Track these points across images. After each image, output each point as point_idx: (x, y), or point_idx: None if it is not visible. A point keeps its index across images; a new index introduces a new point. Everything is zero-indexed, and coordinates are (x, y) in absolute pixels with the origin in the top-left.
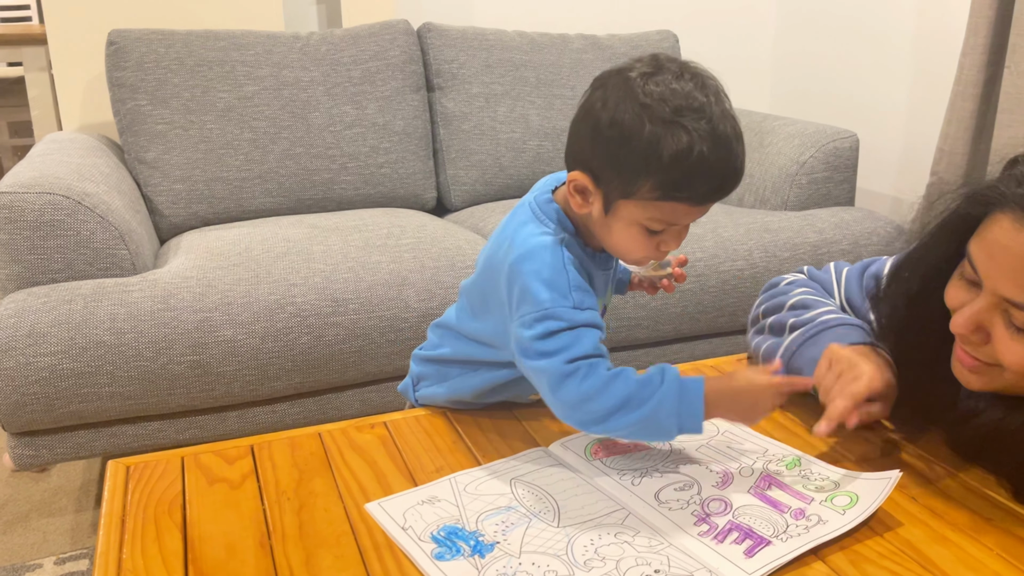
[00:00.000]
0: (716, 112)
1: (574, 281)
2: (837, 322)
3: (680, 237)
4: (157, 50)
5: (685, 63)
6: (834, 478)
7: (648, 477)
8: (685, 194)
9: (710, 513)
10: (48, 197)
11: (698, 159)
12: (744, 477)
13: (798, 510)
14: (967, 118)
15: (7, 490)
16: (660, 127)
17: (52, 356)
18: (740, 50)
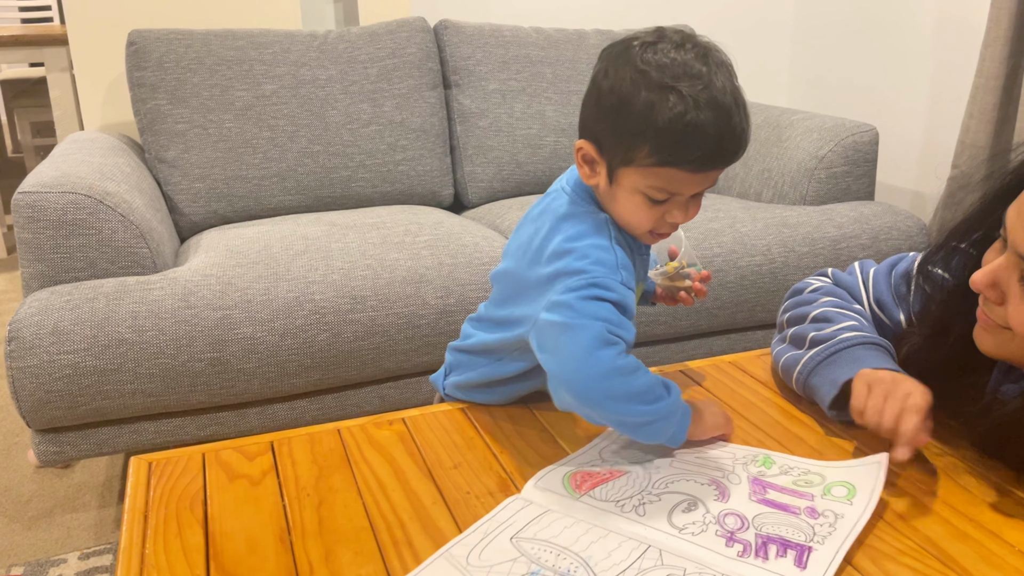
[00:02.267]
0: (714, 80)
1: (622, 260)
2: (858, 340)
3: (687, 210)
4: (176, 50)
5: (690, 35)
6: (815, 470)
7: (648, 504)
8: (680, 159)
9: (733, 530)
10: (70, 196)
11: (691, 123)
12: (735, 485)
13: (809, 509)
14: (989, 111)
15: (32, 486)
16: (655, 93)
17: (75, 354)
18: (758, 44)
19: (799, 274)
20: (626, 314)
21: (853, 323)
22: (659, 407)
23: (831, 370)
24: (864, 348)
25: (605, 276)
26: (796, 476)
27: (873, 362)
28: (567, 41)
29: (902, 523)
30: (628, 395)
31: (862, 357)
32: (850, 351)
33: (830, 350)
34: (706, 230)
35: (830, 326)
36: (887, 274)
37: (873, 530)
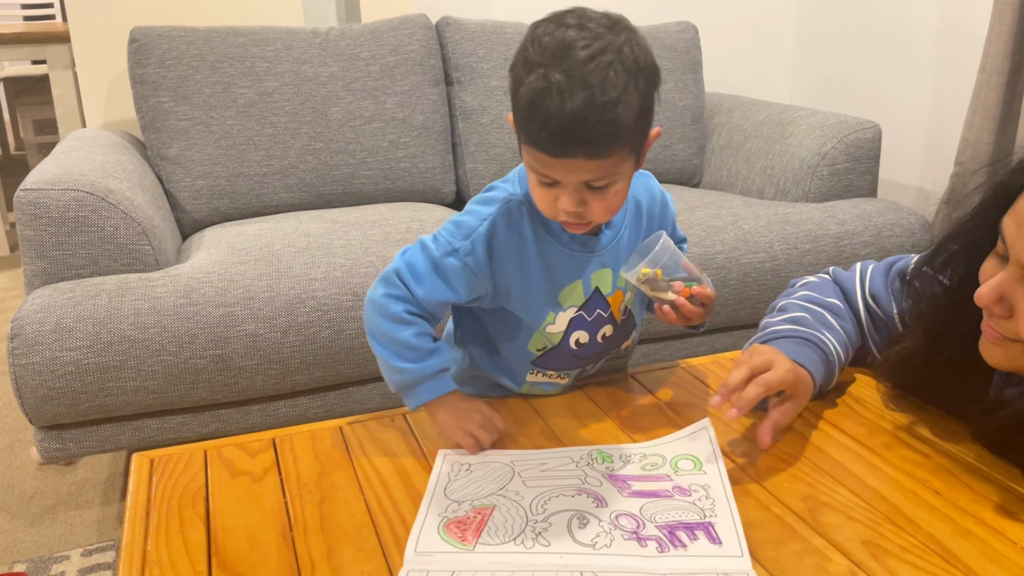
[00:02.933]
0: (585, 63)
1: (478, 234)
2: (787, 333)
3: (573, 198)
4: (178, 47)
5: (594, 17)
6: (652, 452)
7: (543, 532)
8: (533, 138)
9: (635, 530)
10: (72, 194)
11: (536, 103)
12: (599, 487)
13: (677, 488)
14: (992, 107)
15: (35, 483)
16: (523, 70)
17: (77, 351)
18: (761, 40)
19: (802, 271)
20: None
21: (801, 315)
22: (404, 367)
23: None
24: (788, 341)
25: (448, 234)
26: (640, 463)
27: (789, 352)
28: None
29: (904, 520)
30: (382, 336)
31: (781, 348)
32: (776, 343)
33: (761, 339)
34: (708, 227)
35: (780, 315)
36: (885, 271)
37: (875, 527)
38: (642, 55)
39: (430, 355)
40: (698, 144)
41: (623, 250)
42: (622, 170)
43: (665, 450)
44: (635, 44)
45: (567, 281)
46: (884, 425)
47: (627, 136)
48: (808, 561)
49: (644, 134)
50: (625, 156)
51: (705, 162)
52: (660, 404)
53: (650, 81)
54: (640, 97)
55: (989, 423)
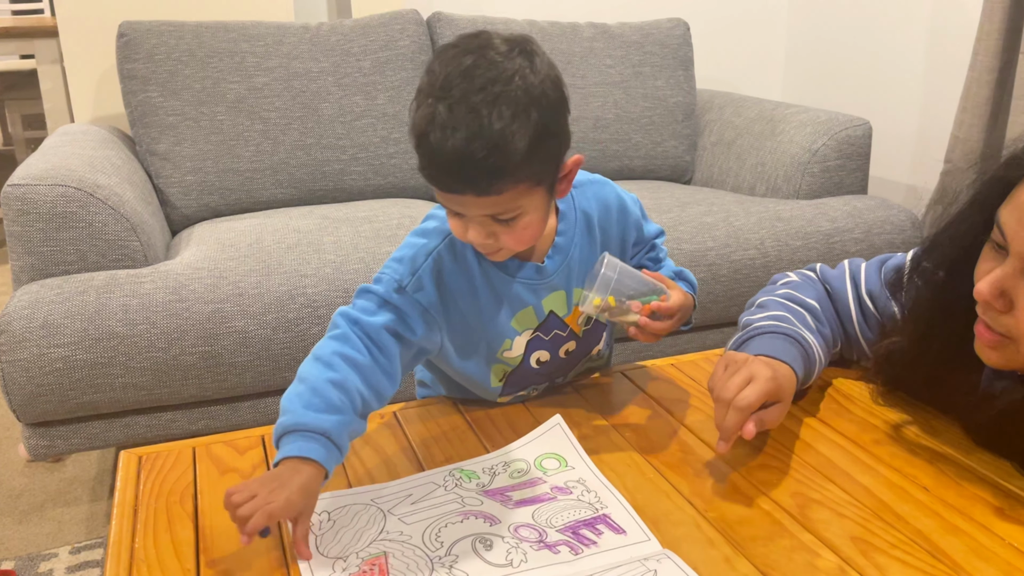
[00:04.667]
0: (468, 95)
1: (424, 269)
2: (769, 329)
3: (479, 231)
4: (167, 42)
5: (498, 41)
6: (513, 458)
7: (454, 565)
8: (422, 171)
9: (541, 540)
10: (60, 189)
11: (421, 137)
12: (482, 506)
13: (555, 488)
14: (982, 105)
15: (23, 480)
16: (417, 98)
17: (65, 347)
18: (752, 37)
19: (792, 268)
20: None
21: (782, 313)
22: (287, 407)
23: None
24: (771, 337)
25: (392, 272)
26: (507, 472)
27: (770, 349)
28: (561, 34)
29: (893, 517)
30: (298, 375)
31: (767, 345)
32: (760, 338)
33: (743, 337)
34: (700, 224)
35: (760, 312)
36: (878, 268)
37: (864, 524)
38: (537, 83)
39: (326, 409)
40: (689, 141)
41: (575, 269)
42: (527, 204)
43: (524, 453)
44: (531, 71)
45: (518, 308)
46: (873, 422)
47: (519, 172)
48: (797, 557)
49: (548, 165)
50: (525, 191)
51: (696, 159)
52: (650, 400)
53: (547, 109)
54: (533, 129)
55: (979, 416)
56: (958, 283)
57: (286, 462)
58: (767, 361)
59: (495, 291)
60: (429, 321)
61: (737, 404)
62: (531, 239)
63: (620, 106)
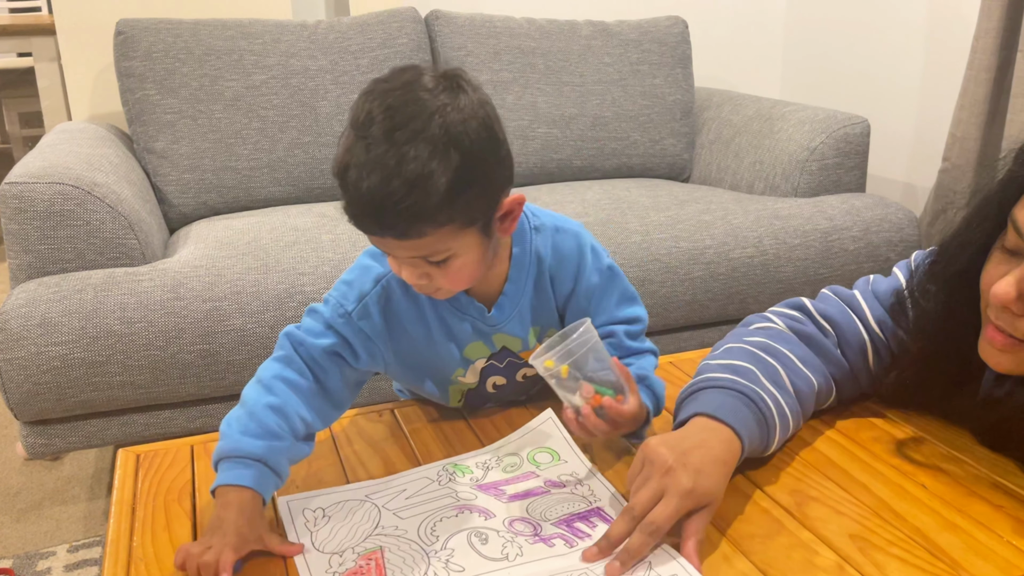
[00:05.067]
0: (384, 136)
1: (371, 297)
2: (725, 383)
3: (411, 272)
4: (165, 39)
5: (426, 78)
6: (505, 452)
7: (450, 560)
8: (346, 212)
9: (537, 533)
10: (58, 187)
11: (339, 176)
12: (478, 500)
13: (549, 482)
14: (980, 103)
15: (20, 479)
16: (347, 126)
17: (63, 345)
18: (751, 35)
19: (790, 266)
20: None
21: (743, 365)
22: (225, 432)
23: (683, 409)
24: (721, 392)
25: (339, 296)
26: (500, 466)
27: (719, 406)
28: (559, 32)
29: (891, 514)
30: (241, 398)
31: (712, 399)
32: (710, 392)
33: (697, 385)
34: (698, 222)
35: (720, 359)
36: (874, 297)
37: (862, 521)
38: (459, 120)
39: (262, 435)
40: (687, 139)
41: (528, 316)
42: (457, 246)
43: (516, 447)
44: (454, 109)
45: (468, 341)
46: (871, 420)
47: (439, 215)
48: (795, 555)
49: (477, 206)
50: (452, 233)
51: (694, 157)
52: None
53: (471, 149)
54: (454, 170)
55: (985, 421)
56: (967, 290)
57: (221, 493)
58: (691, 459)
59: (444, 323)
60: (372, 350)
61: (645, 528)
62: (468, 280)
63: (618, 104)
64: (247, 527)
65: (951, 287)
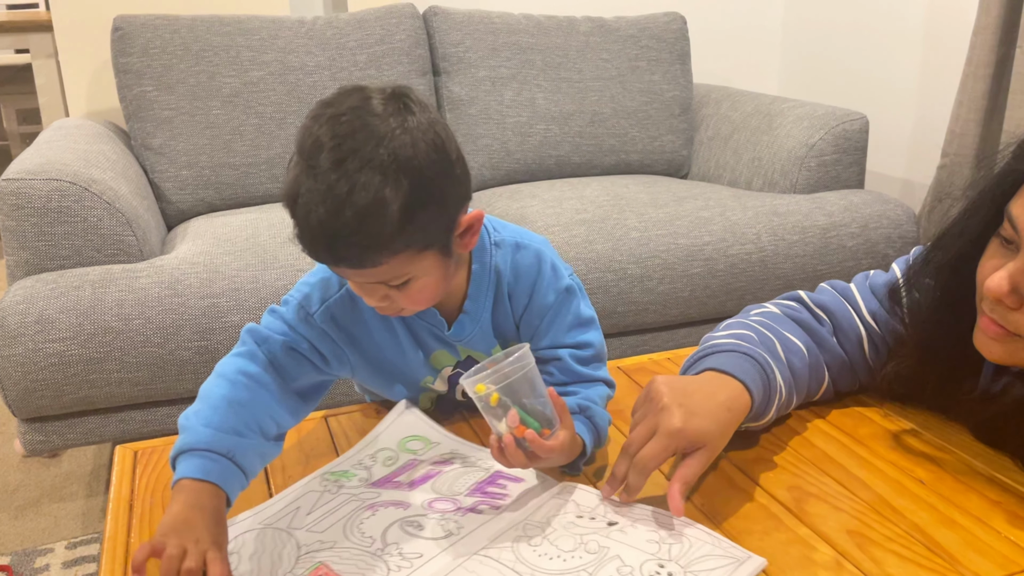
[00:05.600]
0: (332, 166)
1: (335, 300)
2: (729, 347)
3: (371, 295)
4: (162, 36)
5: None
6: (380, 447)
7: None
8: (298, 241)
9: (461, 505)
10: (55, 184)
11: (288, 205)
12: (376, 498)
13: (436, 463)
14: (978, 99)
15: (18, 476)
16: (295, 151)
17: (61, 342)
18: (749, 31)
19: (789, 262)
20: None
21: (750, 332)
22: (185, 425)
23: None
24: (726, 354)
25: (302, 297)
26: (379, 463)
27: (723, 363)
28: (557, 28)
29: (889, 510)
30: (200, 391)
31: (717, 359)
32: (714, 356)
33: (698, 355)
34: (696, 218)
35: (720, 331)
36: (871, 290)
37: (860, 517)
38: (409, 143)
39: (228, 430)
40: (686, 135)
41: (490, 333)
42: (416, 269)
43: (385, 442)
44: (402, 131)
45: (434, 348)
46: (869, 415)
47: (394, 243)
48: (793, 551)
49: (433, 229)
50: (409, 258)
51: (693, 153)
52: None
53: (422, 173)
54: (405, 197)
55: (982, 415)
56: (962, 281)
57: (185, 488)
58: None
59: (410, 330)
60: (337, 353)
61: (635, 465)
62: (430, 300)
63: (617, 100)
64: (216, 528)
65: (946, 278)
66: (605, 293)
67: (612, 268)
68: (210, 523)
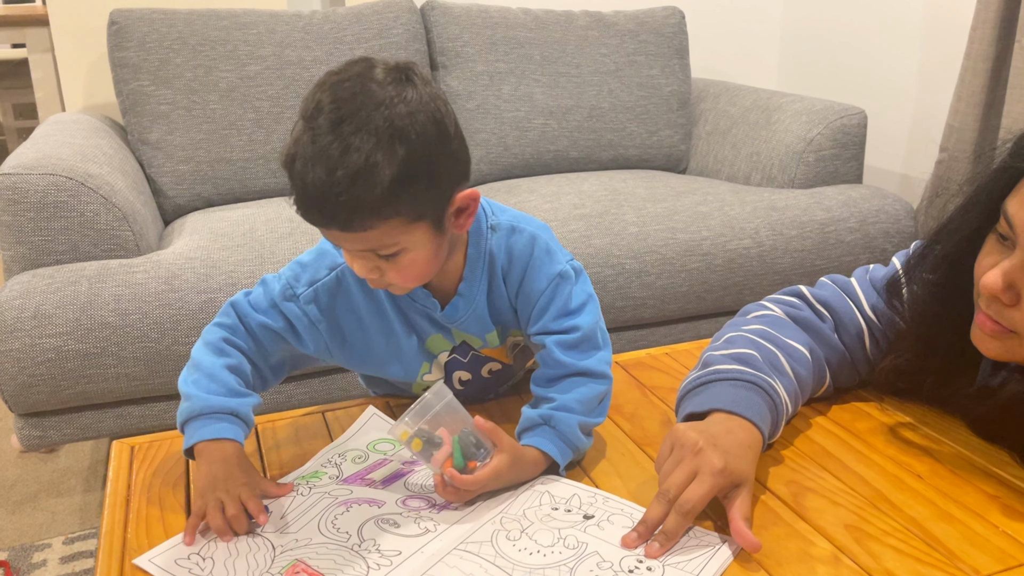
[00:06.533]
0: (330, 127)
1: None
2: (733, 375)
3: (361, 266)
4: (159, 30)
5: (378, 68)
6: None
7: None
8: (294, 204)
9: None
10: (51, 178)
11: (287, 167)
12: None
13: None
14: (977, 93)
15: (16, 471)
16: (298, 116)
17: (57, 337)
18: (748, 25)
19: (787, 257)
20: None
21: (746, 352)
22: (192, 393)
23: (694, 399)
24: (732, 385)
25: (292, 276)
26: (349, 459)
27: (731, 402)
28: (555, 22)
29: (887, 505)
30: (191, 363)
31: (723, 394)
32: (717, 385)
33: (702, 379)
34: (695, 213)
35: (722, 349)
36: (871, 284)
37: (858, 512)
38: (406, 113)
39: (227, 393)
40: (684, 130)
41: (486, 317)
42: (407, 240)
43: (356, 443)
44: (401, 102)
45: (428, 333)
46: (867, 411)
47: (385, 208)
48: (791, 545)
49: (426, 200)
50: (400, 227)
51: (691, 148)
52: (644, 389)
53: (417, 143)
54: (399, 163)
55: (980, 410)
56: (959, 277)
57: (204, 449)
58: (720, 439)
59: (403, 314)
60: (315, 337)
61: (680, 508)
62: (420, 276)
63: (615, 95)
64: (245, 475)
65: (944, 273)
66: (603, 288)
67: (610, 263)
68: (235, 470)
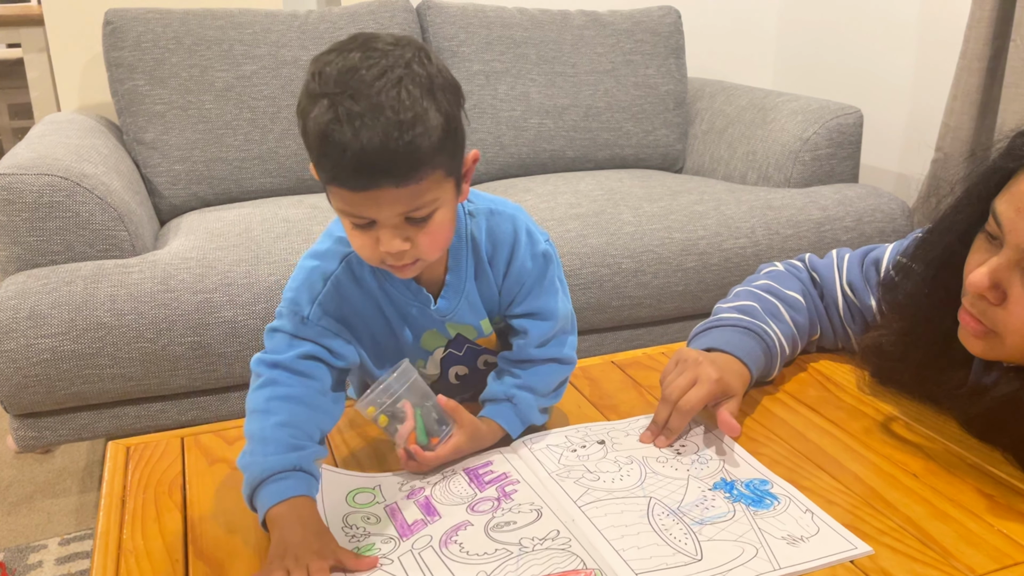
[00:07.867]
0: (370, 82)
1: (323, 296)
2: (732, 322)
3: (395, 235)
4: (154, 29)
5: (382, 36)
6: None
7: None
8: (330, 176)
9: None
10: (47, 178)
11: (326, 137)
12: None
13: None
14: (972, 92)
15: (11, 472)
16: (308, 101)
17: (53, 338)
18: (744, 25)
19: (783, 256)
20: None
21: (751, 304)
22: (248, 461)
23: (699, 340)
24: (731, 330)
25: (292, 306)
26: (369, 523)
27: (726, 342)
28: (551, 21)
29: (883, 503)
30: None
31: (726, 338)
32: (718, 330)
33: (708, 324)
34: (691, 212)
35: (732, 301)
36: (860, 260)
37: (853, 511)
38: (435, 70)
39: (284, 450)
40: (680, 129)
41: (476, 303)
42: (441, 196)
43: (339, 512)
44: (426, 60)
45: (423, 328)
46: (863, 410)
47: (435, 157)
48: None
49: (456, 155)
50: (439, 180)
51: (687, 147)
52: (641, 389)
53: (452, 97)
54: (443, 115)
55: (972, 409)
56: (948, 276)
57: (273, 516)
58: (716, 359)
59: (399, 311)
60: (340, 343)
61: (681, 407)
62: (445, 241)
63: (611, 94)
64: (317, 541)
65: (933, 270)
66: (599, 287)
67: (606, 262)
68: (308, 536)
